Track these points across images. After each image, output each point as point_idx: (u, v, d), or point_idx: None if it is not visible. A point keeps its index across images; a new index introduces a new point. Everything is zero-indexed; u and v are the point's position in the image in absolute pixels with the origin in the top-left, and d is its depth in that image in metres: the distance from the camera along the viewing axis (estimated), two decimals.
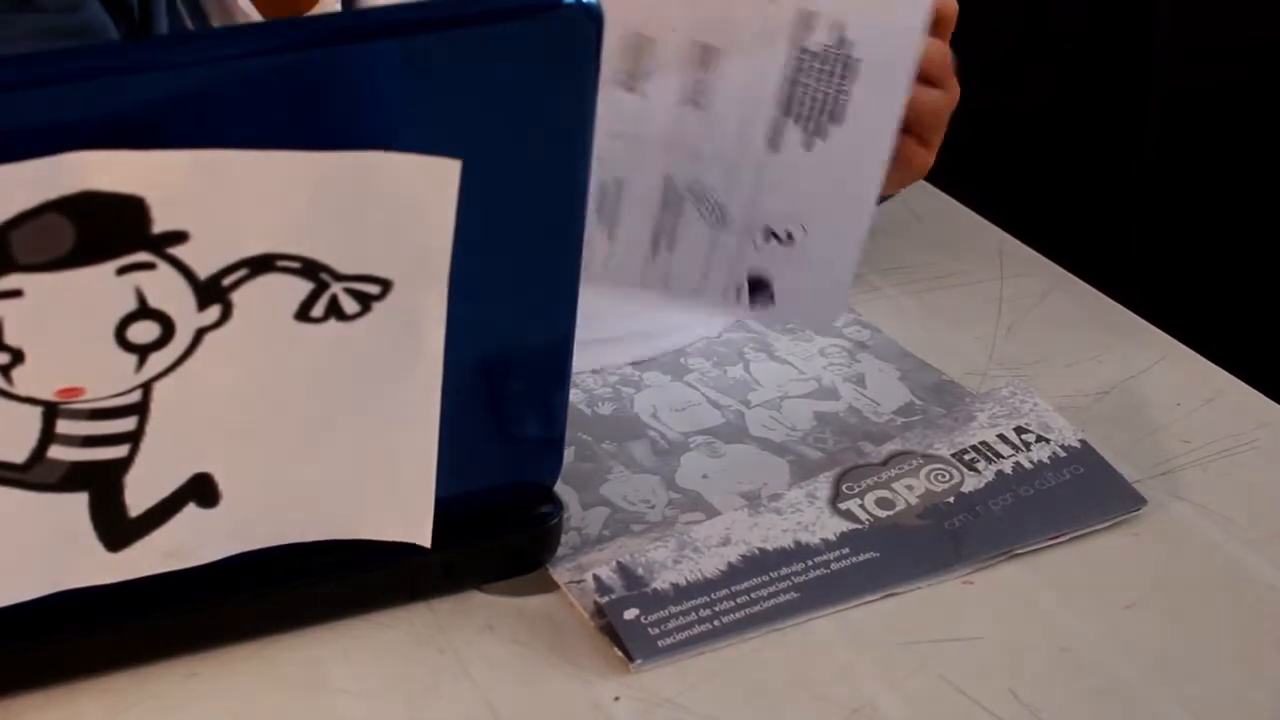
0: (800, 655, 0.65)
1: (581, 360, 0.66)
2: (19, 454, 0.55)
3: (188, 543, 0.60)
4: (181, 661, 0.63)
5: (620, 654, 0.64)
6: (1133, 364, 0.86)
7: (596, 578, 0.67)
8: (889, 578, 0.69)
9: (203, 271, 0.53)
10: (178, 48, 0.55)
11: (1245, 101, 1.66)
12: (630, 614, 0.65)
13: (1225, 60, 1.65)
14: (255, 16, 0.86)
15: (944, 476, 0.74)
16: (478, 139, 0.55)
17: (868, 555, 0.69)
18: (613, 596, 0.66)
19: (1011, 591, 0.69)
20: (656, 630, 0.65)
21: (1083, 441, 0.76)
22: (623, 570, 0.67)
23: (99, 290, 0.52)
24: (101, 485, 0.57)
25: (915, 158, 0.79)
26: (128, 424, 0.56)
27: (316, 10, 0.87)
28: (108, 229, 0.50)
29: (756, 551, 0.69)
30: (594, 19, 0.54)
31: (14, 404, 0.54)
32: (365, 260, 0.55)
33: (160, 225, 0.51)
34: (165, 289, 0.53)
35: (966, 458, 0.75)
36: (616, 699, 0.62)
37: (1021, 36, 0.77)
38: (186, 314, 0.54)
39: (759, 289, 0.78)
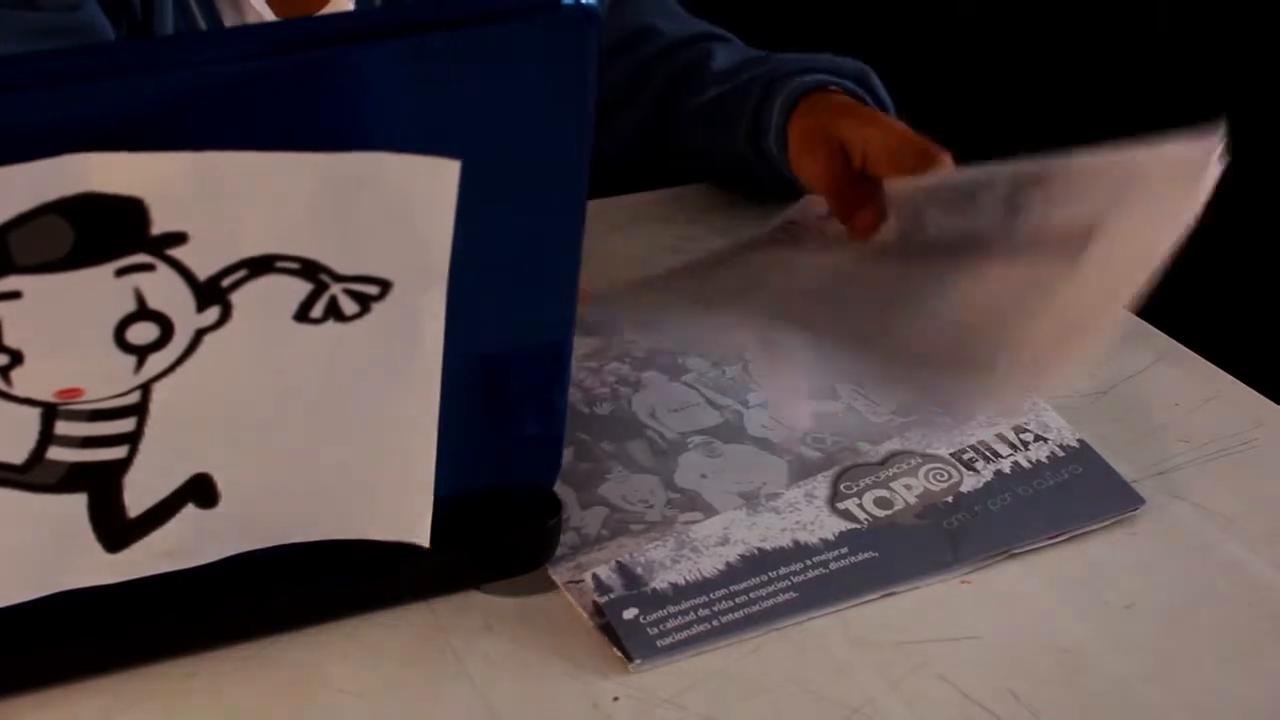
0: (799, 655, 0.65)
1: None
2: (18, 455, 0.55)
3: (187, 543, 0.60)
4: (181, 661, 0.63)
5: (619, 654, 0.64)
6: (1131, 364, 0.86)
7: (595, 577, 0.67)
8: (887, 577, 0.69)
9: (202, 273, 0.53)
10: (177, 48, 0.55)
11: (1244, 101, 1.66)
12: (629, 614, 0.65)
13: (1223, 59, 1.66)
14: (269, 15, 0.86)
15: (942, 476, 0.74)
16: (477, 139, 0.55)
17: (866, 555, 0.69)
18: (612, 596, 0.66)
19: (1010, 591, 0.69)
20: (655, 630, 0.65)
21: (1081, 441, 0.76)
22: (622, 570, 0.67)
23: (98, 292, 0.51)
24: (100, 486, 0.57)
25: None
26: (127, 425, 0.56)
27: (329, 9, 0.87)
28: (107, 230, 0.50)
29: (755, 551, 0.69)
30: (593, 19, 0.54)
31: (13, 405, 0.54)
32: (364, 261, 0.55)
33: (159, 227, 0.51)
34: (164, 290, 0.53)
35: (965, 457, 0.75)
36: (615, 699, 0.62)
37: (1020, 35, 0.77)
38: (186, 315, 0.54)
39: None
